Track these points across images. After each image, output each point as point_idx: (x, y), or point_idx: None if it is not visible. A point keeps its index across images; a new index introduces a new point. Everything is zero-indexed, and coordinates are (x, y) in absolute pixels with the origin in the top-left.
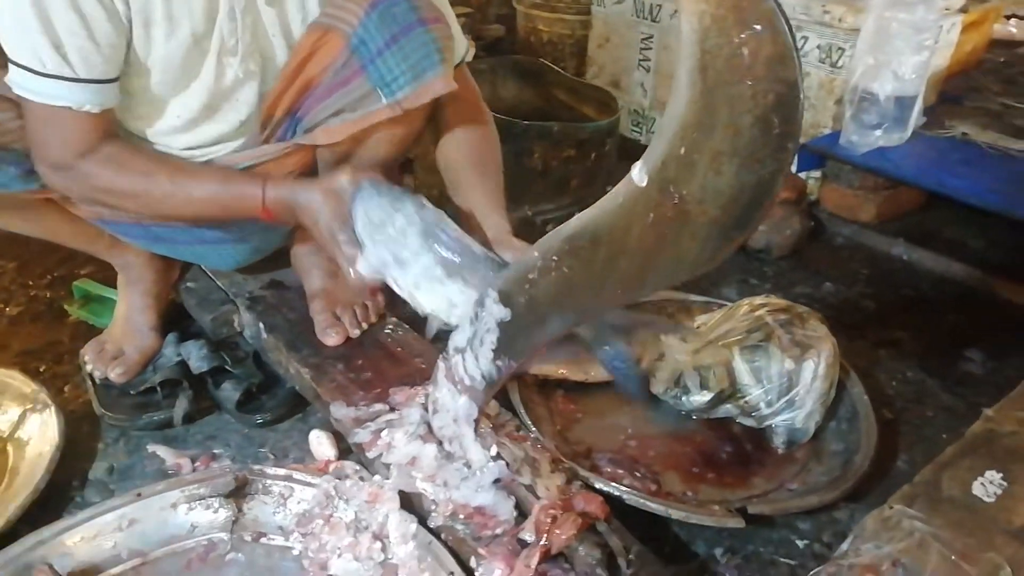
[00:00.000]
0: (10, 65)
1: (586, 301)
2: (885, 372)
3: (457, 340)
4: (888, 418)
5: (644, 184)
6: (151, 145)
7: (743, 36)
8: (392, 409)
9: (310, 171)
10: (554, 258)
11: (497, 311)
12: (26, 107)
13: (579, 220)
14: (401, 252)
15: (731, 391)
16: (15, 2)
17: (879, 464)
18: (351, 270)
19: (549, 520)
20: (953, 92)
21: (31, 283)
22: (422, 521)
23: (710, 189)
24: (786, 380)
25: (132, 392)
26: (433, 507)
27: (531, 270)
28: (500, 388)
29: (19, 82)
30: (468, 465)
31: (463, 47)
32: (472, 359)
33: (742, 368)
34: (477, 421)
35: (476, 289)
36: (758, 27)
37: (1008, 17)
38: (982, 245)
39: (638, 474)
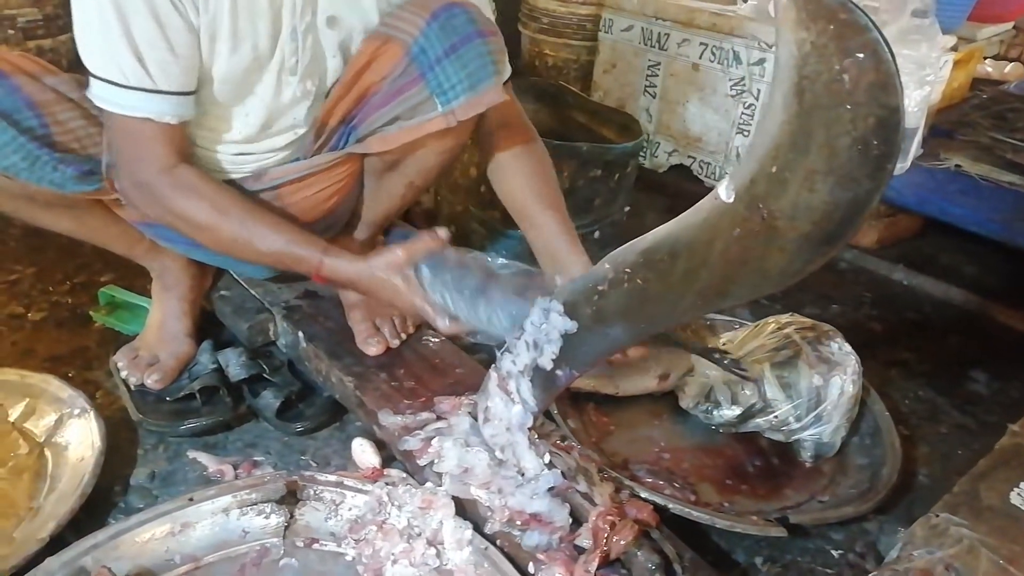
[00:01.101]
0: (92, 80)
1: (659, 312)
2: (897, 391)
3: (513, 350)
4: (904, 434)
5: (731, 200)
6: (205, 151)
7: (844, 63)
8: (439, 418)
9: (359, 179)
10: (627, 270)
11: (561, 323)
12: (109, 122)
13: (656, 234)
14: (487, 317)
15: (761, 406)
16: (101, 15)
17: (901, 478)
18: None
19: (608, 526)
20: (943, 126)
21: (51, 289)
22: (477, 528)
23: (802, 206)
24: (814, 395)
25: (169, 399)
26: (489, 514)
27: (600, 282)
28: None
29: (102, 95)
30: (522, 473)
31: (507, 66)
32: (530, 369)
33: (772, 383)
34: (530, 429)
35: None
36: (860, 55)
37: (984, 58)
38: (977, 271)
39: (676, 485)
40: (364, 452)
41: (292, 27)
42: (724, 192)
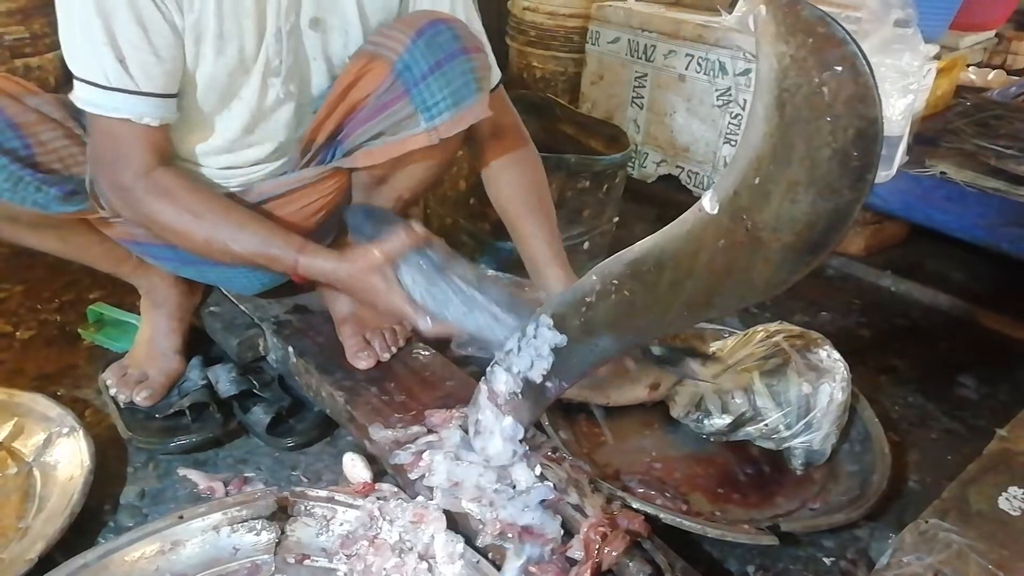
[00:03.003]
0: (76, 82)
1: (647, 323)
2: (887, 397)
3: (503, 362)
4: (894, 440)
5: (715, 212)
6: (191, 164)
7: (823, 76)
8: (430, 431)
9: (347, 194)
10: (614, 282)
11: (551, 337)
12: (91, 125)
13: (642, 245)
14: (469, 318)
15: (751, 414)
16: (85, 18)
17: (891, 484)
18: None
19: (599, 538)
20: (928, 133)
21: (40, 307)
22: (468, 541)
23: (785, 217)
24: (804, 403)
25: (158, 416)
26: (480, 527)
27: (588, 294)
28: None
29: (84, 97)
30: (513, 486)
31: (496, 74)
32: (519, 381)
33: (762, 392)
34: (521, 442)
35: None
36: (839, 68)
37: (967, 66)
38: (963, 277)
39: (668, 495)
40: (355, 467)
41: (277, 28)
42: (708, 204)
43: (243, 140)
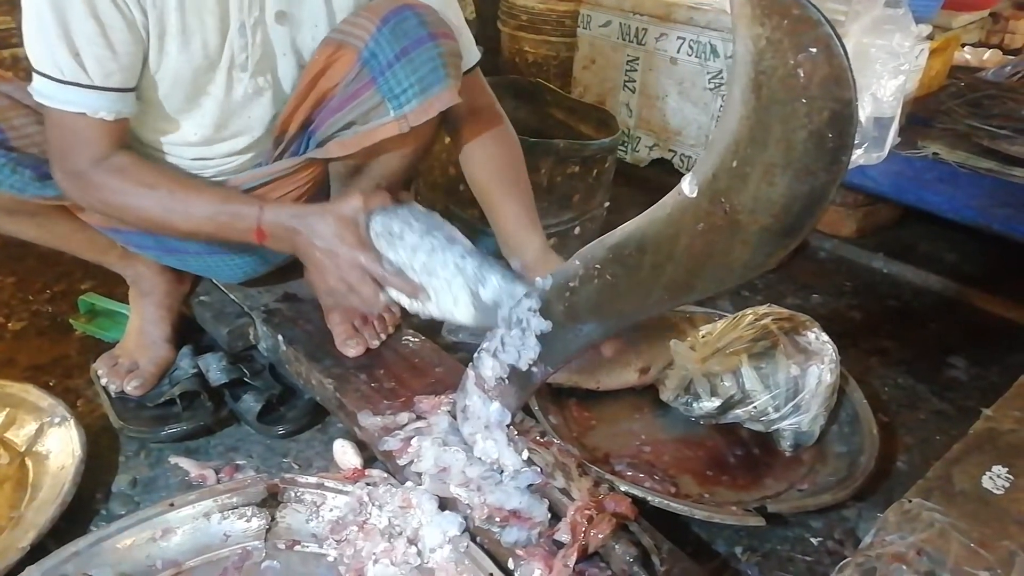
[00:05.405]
0: (33, 74)
1: (629, 307)
2: (877, 378)
3: (490, 348)
4: (884, 422)
5: (694, 195)
6: (164, 156)
7: (799, 58)
8: (418, 417)
9: (322, 185)
10: (597, 266)
11: (536, 323)
12: (46, 114)
13: (624, 230)
14: (427, 263)
15: (740, 397)
16: (38, 11)
17: (880, 465)
18: (382, 295)
19: (585, 521)
20: (921, 114)
21: (31, 298)
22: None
23: (762, 199)
24: (792, 385)
25: (150, 405)
26: (468, 511)
27: (572, 279)
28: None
29: (39, 89)
30: (500, 470)
31: (475, 54)
32: (506, 367)
33: (751, 375)
34: (508, 427)
35: (497, 296)
36: (813, 50)
37: (962, 45)
38: (955, 258)
39: (656, 477)
40: (345, 453)
41: (240, 23)
42: (687, 187)
43: (217, 135)
